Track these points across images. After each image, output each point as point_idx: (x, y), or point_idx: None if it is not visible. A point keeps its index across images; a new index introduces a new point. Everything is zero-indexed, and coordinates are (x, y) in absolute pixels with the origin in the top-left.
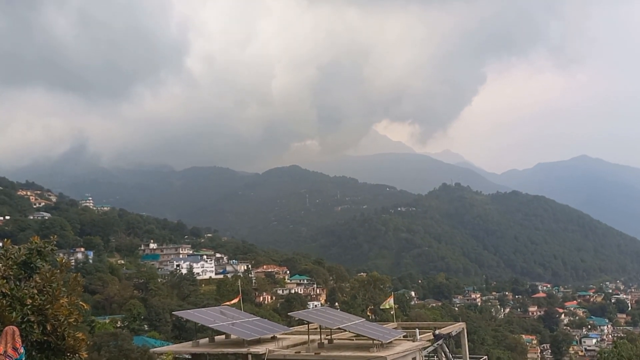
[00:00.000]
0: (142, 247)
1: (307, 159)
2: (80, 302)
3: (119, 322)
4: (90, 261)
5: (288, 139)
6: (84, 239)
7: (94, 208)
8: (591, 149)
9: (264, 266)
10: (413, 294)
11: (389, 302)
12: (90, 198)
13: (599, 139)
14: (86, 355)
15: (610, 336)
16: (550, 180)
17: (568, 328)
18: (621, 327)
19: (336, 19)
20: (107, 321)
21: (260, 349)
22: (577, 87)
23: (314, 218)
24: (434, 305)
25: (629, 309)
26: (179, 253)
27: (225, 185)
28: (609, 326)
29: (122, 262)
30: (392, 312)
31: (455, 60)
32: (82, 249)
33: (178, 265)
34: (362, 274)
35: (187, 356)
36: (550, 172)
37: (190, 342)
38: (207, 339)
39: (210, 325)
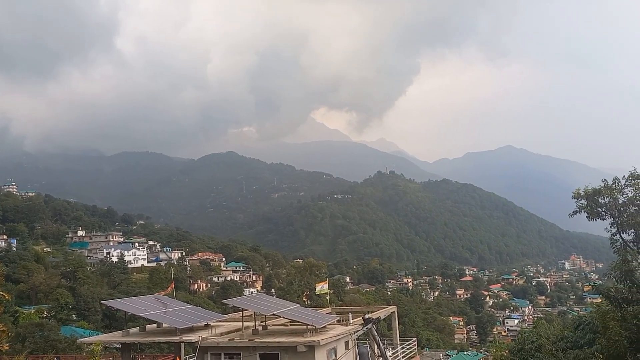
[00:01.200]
0: (70, 235)
1: (244, 145)
2: (1, 292)
3: (45, 312)
4: (14, 249)
5: (225, 125)
6: (7, 226)
7: (18, 194)
8: (517, 140)
9: (199, 254)
10: (348, 279)
11: (324, 288)
12: (13, 183)
13: (524, 130)
14: (7, 347)
15: (530, 317)
16: (478, 169)
17: (492, 310)
18: (540, 308)
19: (274, 4)
20: (32, 311)
21: (193, 337)
22: (505, 81)
23: (251, 205)
24: (368, 289)
25: (548, 291)
26: (109, 241)
27: (159, 171)
28: (530, 307)
29: (49, 250)
30: (327, 298)
31: (390, 50)
32: (5, 237)
33: (108, 253)
34: (298, 260)
35: (116, 345)
36: (478, 161)
37: (120, 332)
38: (137, 328)
39: (141, 314)
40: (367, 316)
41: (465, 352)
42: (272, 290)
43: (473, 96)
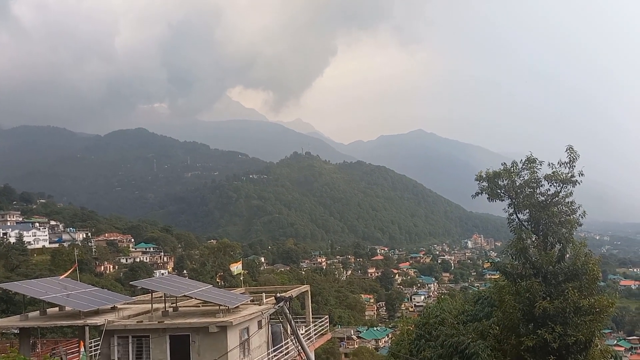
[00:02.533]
0: None
1: (156, 121)
2: None
3: None
4: None
5: (135, 100)
6: None
7: None
8: (427, 124)
9: (106, 234)
10: (263, 259)
11: (238, 268)
12: None
13: (434, 115)
14: None
15: (435, 293)
16: (391, 151)
17: (401, 287)
18: (445, 285)
19: None
20: None
21: (98, 320)
22: (417, 66)
23: (162, 184)
24: (283, 270)
25: (452, 268)
26: (6, 220)
27: (62, 147)
28: (435, 284)
29: None
30: (241, 278)
31: (307, 30)
32: None
33: (5, 234)
34: (212, 241)
35: (14, 331)
36: (391, 144)
37: (19, 316)
38: (37, 312)
39: (41, 297)
40: (279, 295)
41: (375, 328)
42: (184, 271)
43: (387, 80)
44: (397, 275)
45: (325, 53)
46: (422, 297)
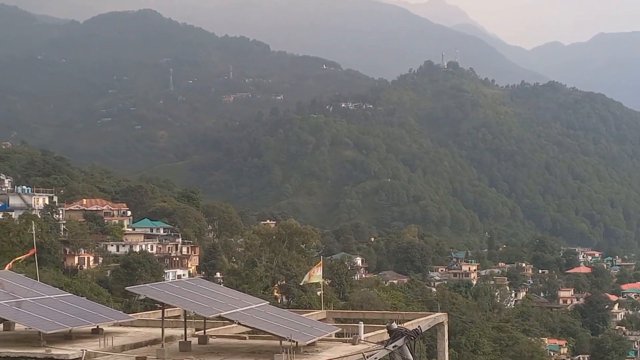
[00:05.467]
0: None
1: (174, 1)
2: None
3: None
4: None
5: None
6: None
7: None
8: None
9: (84, 201)
10: (359, 261)
11: (316, 275)
12: None
13: None
14: None
15: None
16: (616, 65)
17: (623, 328)
18: None
19: None
20: None
21: (70, 352)
22: None
23: (184, 114)
24: (396, 282)
25: None
26: None
27: (11, 41)
28: None
29: None
30: (319, 292)
31: None
32: None
33: None
34: (268, 221)
35: None
36: (617, 51)
37: None
38: None
39: None
40: (394, 326)
41: None
42: (218, 274)
43: None
44: (616, 306)
45: None
46: None
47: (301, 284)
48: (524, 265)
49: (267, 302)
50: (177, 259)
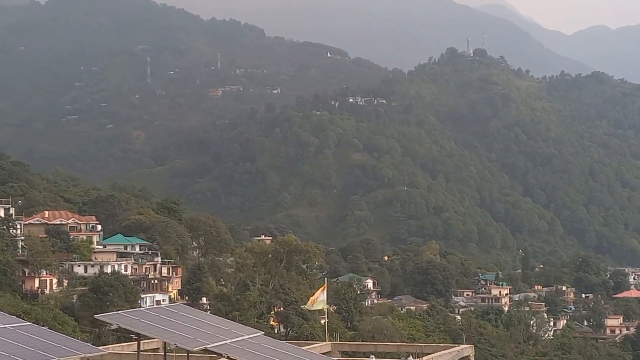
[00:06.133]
0: None
1: None
2: None
3: None
4: None
5: None
6: None
7: None
8: None
9: (46, 213)
10: (371, 283)
11: (319, 300)
12: None
13: None
14: None
15: None
16: None
17: None
18: None
19: None
20: None
21: None
22: None
23: (164, 110)
24: (414, 308)
25: None
26: None
27: None
28: None
29: None
30: (323, 320)
31: None
32: None
33: None
34: (263, 237)
35: None
36: None
37: None
38: None
39: None
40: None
41: None
42: (204, 299)
43: None
44: None
45: None
46: None
47: (303, 307)
48: (564, 288)
49: (261, 333)
50: (156, 281)
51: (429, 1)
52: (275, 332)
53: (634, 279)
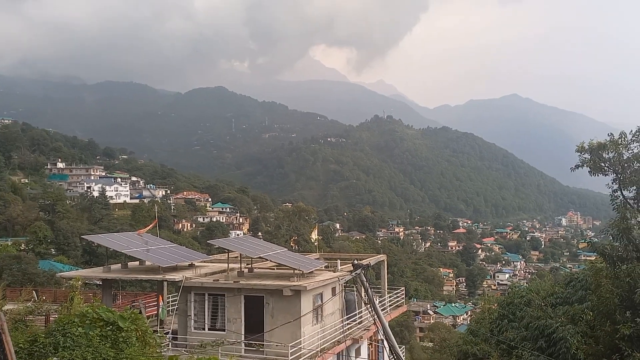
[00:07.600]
0: (49, 167)
1: (235, 80)
2: None
3: (22, 245)
4: None
5: (215, 58)
6: None
7: None
8: (523, 89)
9: (184, 193)
10: (338, 226)
11: (314, 233)
12: None
13: (531, 79)
14: None
15: (522, 272)
16: (481, 117)
17: (484, 263)
18: (533, 264)
19: None
20: (10, 243)
21: (176, 276)
22: (517, 25)
23: (240, 144)
24: (358, 237)
25: (542, 246)
26: (90, 174)
27: (143, 103)
28: (522, 262)
29: (26, 181)
30: (315, 243)
31: None
32: None
33: (89, 187)
34: (287, 204)
35: (97, 282)
36: (481, 110)
37: (102, 268)
38: (119, 265)
39: (123, 251)
40: (357, 262)
41: (453, 304)
42: (259, 233)
43: (481, 40)
44: (480, 251)
45: (416, 9)
46: (507, 275)
47: (306, 237)
48: (429, 228)
49: (286, 249)
50: (237, 225)
51: (364, 93)
52: (293, 248)
53: (461, 223)
